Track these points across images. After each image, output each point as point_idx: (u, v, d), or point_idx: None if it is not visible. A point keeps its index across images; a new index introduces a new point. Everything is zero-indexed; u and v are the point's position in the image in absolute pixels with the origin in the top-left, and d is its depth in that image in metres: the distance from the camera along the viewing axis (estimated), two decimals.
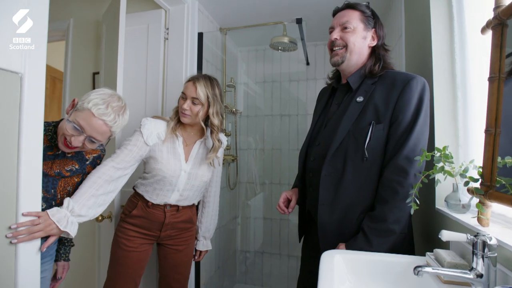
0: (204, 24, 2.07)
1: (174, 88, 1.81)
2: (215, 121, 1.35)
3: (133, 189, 1.41)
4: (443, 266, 0.75)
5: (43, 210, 0.99)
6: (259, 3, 1.99)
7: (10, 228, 0.80)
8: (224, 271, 2.43)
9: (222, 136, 1.46)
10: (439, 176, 0.93)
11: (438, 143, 1.10)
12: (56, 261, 1.23)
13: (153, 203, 1.35)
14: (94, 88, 1.92)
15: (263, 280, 2.69)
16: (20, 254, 0.82)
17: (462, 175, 0.90)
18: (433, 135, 1.12)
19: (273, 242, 2.70)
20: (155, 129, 1.32)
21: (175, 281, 1.45)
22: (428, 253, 0.82)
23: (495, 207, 0.85)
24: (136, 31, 1.87)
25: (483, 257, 0.63)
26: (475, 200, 0.83)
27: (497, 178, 0.76)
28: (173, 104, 1.74)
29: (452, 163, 0.90)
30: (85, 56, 2.08)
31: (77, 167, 1.13)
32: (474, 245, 0.64)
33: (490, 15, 0.80)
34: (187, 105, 1.31)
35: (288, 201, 1.30)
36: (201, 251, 1.58)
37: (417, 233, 1.30)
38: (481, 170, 0.82)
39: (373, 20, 1.12)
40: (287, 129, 2.69)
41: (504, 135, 0.77)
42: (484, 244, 0.63)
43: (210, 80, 1.36)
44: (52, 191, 1.05)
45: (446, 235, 0.66)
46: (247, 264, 2.76)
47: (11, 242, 0.80)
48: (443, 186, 1.03)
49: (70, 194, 1.11)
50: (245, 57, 2.84)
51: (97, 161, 1.23)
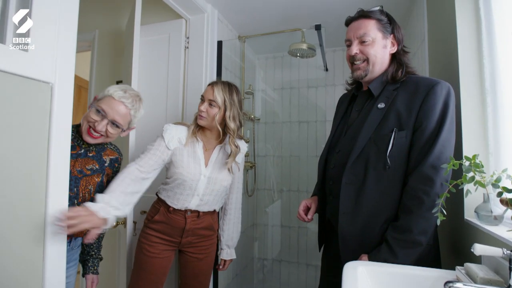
0: (223, 32, 2.10)
1: (194, 95, 1.85)
2: (231, 124, 1.36)
3: (156, 195, 1.44)
4: (475, 282, 0.71)
5: None
6: (277, 11, 2.01)
7: (59, 219, 0.85)
8: (242, 278, 2.41)
9: (241, 143, 1.47)
10: (469, 187, 0.89)
11: (467, 151, 1.05)
12: (84, 274, 1.26)
13: (174, 208, 1.36)
14: None
15: None
16: (47, 256, 0.84)
17: (495, 185, 0.85)
18: (461, 143, 1.08)
19: (291, 250, 2.66)
20: (176, 134, 1.36)
21: None
22: (458, 267, 0.78)
23: None
24: (158, 40, 1.93)
25: None
26: (510, 212, 0.78)
27: None
28: (193, 111, 1.76)
29: (483, 172, 0.85)
30: (109, 65, 2.16)
31: (97, 166, 1.18)
32: (511, 260, 0.60)
33: None
34: (204, 106, 1.35)
35: (308, 209, 1.27)
36: (225, 260, 1.55)
37: (443, 245, 1.24)
38: None
39: (390, 25, 1.07)
40: (305, 135, 2.67)
41: None
42: None
43: (229, 85, 1.39)
44: (75, 189, 1.09)
45: (479, 249, 0.62)
46: (264, 272, 2.73)
47: (59, 232, 0.86)
48: (472, 196, 0.98)
49: (92, 193, 1.14)
50: (263, 64, 2.86)
51: (115, 164, 1.27)
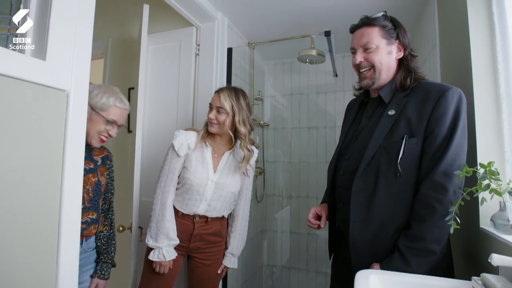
0: (233, 39, 2.12)
1: (204, 102, 1.87)
2: (242, 129, 1.38)
3: None
4: None
5: None
6: (286, 18, 2.02)
7: None
8: (251, 285, 2.39)
9: (253, 147, 1.48)
10: (484, 195, 0.87)
11: (482, 159, 1.03)
12: (91, 276, 1.26)
13: (183, 213, 1.39)
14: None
15: None
16: (60, 262, 0.86)
17: (511, 192, 0.83)
18: (475, 150, 1.06)
19: (300, 257, 2.63)
20: (186, 140, 1.38)
21: None
22: (474, 277, 0.76)
23: None
24: (169, 48, 1.96)
25: None
26: None
27: None
28: (203, 117, 1.78)
29: (499, 180, 0.83)
30: (122, 72, 2.20)
31: (91, 166, 1.23)
32: None
33: None
34: (212, 114, 1.38)
35: (318, 216, 1.26)
36: (226, 268, 1.52)
37: (458, 254, 1.21)
38: None
39: (395, 31, 1.06)
40: (315, 141, 2.65)
41: None
42: None
43: (235, 90, 1.41)
44: None
45: (497, 259, 0.61)
46: (273, 279, 2.70)
47: None
48: (488, 204, 0.95)
49: (90, 192, 1.20)
50: (272, 70, 2.87)
51: (106, 162, 1.32)
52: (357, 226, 1.02)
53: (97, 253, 1.30)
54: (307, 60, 2.29)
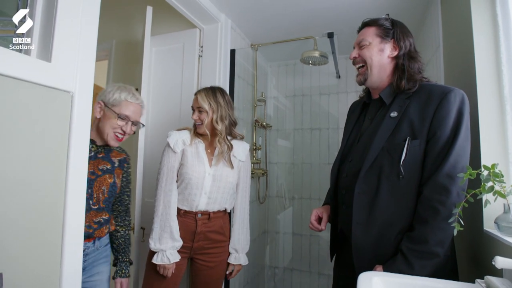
0: (236, 41, 2.13)
1: None
2: (218, 126, 1.44)
3: None
4: None
5: None
6: (289, 20, 2.03)
7: None
8: (253, 286, 2.39)
9: (236, 141, 1.51)
10: (488, 197, 0.86)
11: (485, 161, 1.02)
12: (114, 278, 1.30)
13: (185, 211, 1.40)
14: None
15: None
16: (64, 262, 0.86)
17: None
18: (479, 151, 1.05)
19: (302, 258, 2.63)
20: (180, 136, 1.43)
21: None
22: (478, 280, 0.75)
23: None
24: (173, 49, 1.97)
25: None
26: None
27: None
28: None
29: (503, 182, 0.83)
30: (126, 73, 2.22)
31: (108, 166, 1.23)
32: None
33: None
34: (195, 115, 1.45)
35: (320, 218, 1.26)
36: (234, 267, 1.51)
37: (462, 256, 1.20)
38: None
39: (392, 30, 1.08)
40: (317, 143, 2.65)
41: None
42: None
43: (212, 90, 1.47)
44: (89, 190, 1.15)
45: (501, 262, 0.60)
46: (275, 280, 2.70)
47: None
48: (492, 206, 0.95)
49: (105, 193, 1.20)
50: (275, 71, 2.87)
51: (124, 165, 1.32)
52: (359, 228, 1.02)
53: (115, 253, 1.33)
54: (310, 62, 2.29)
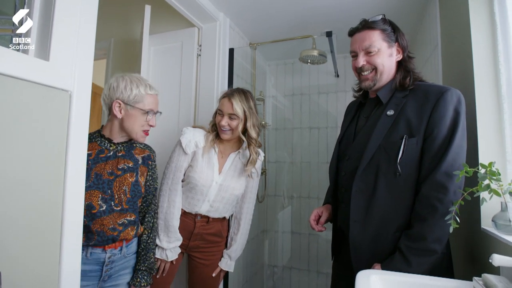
0: (235, 40, 2.13)
1: (206, 101, 1.88)
2: (253, 133, 1.36)
3: None
4: None
5: (103, 210, 1.06)
6: (288, 18, 2.02)
7: None
8: (252, 285, 2.40)
9: (260, 150, 1.47)
10: (484, 195, 0.87)
11: (483, 159, 1.03)
12: (128, 283, 1.19)
13: (185, 211, 1.39)
14: None
15: None
16: (63, 262, 0.86)
17: (511, 193, 0.83)
18: (477, 150, 1.06)
19: (301, 257, 2.63)
20: (194, 138, 1.37)
21: None
22: (475, 278, 0.76)
23: None
24: (171, 48, 1.97)
25: None
26: None
27: None
28: (205, 117, 1.77)
29: (500, 180, 0.83)
30: (124, 71, 2.20)
31: (130, 165, 1.16)
32: None
33: None
34: (225, 121, 1.34)
35: (319, 218, 1.26)
36: (221, 271, 1.48)
37: (459, 254, 1.21)
38: None
39: (394, 34, 1.08)
40: (316, 142, 2.66)
41: None
42: None
43: (244, 94, 1.37)
44: (109, 191, 1.09)
45: (498, 259, 0.61)
46: (274, 279, 2.70)
47: None
48: (490, 205, 0.96)
49: (127, 193, 1.13)
50: (273, 70, 2.87)
51: (148, 162, 1.24)
52: (357, 226, 1.02)
53: (138, 259, 1.21)
54: (309, 61, 2.29)
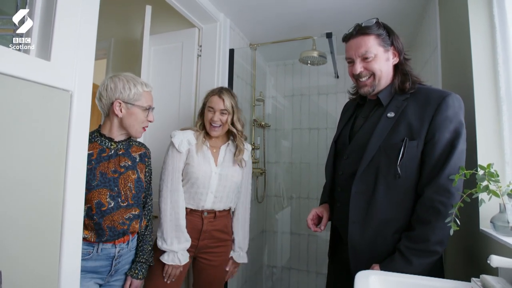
0: (235, 40, 2.13)
1: None
2: (239, 126, 1.49)
3: None
4: None
5: (111, 207, 1.10)
6: (288, 19, 2.03)
7: None
8: (251, 286, 2.40)
9: (245, 142, 1.56)
10: (483, 196, 0.87)
11: (482, 160, 1.03)
12: (125, 274, 1.24)
13: (191, 209, 1.41)
14: None
15: None
16: (63, 263, 0.86)
17: (510, 194, 0.84)
18: (475, 151, 1.06)
19: (300, 258, 2.64)
20: (185, 137, 1.43)
21: None
22: (474, 279, 0.76)
23: None
24: (172, 48, 1.97)
25: None
26: None
27: None
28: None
29: (498, 181, 0.84)
30: (124, 71, 2.20)
31: (129, 163, 1.23)
32: None
33: None
34: (217, 117, 1.43)
35: (318, 218, 1.25)
36: (235, 265, 1.52)
37: (457, 255, 1.21)
38: None
39: (389, 37, 1.07)
40: (315, 142, 2.66)
41: None
42: None
43: (230, 91, 1.51)
44: (116, 188, 1.15)
45: (496, 260, 0.61)
46: (273, 279, 2.70)
47: None
48: (488, 206, 0.96)
49: (132, 189, 1.20)
50: (273, 71, 2.88)
51: (145, 159, 1.31)
52: (356, 227, 1.02)
53: (136, 252, 1.27)
54: (309, 62, 2.29)
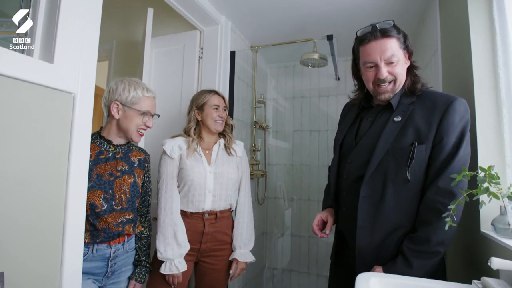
0: (236, 43, 2.14)
1: None
2: (230, 121, 1.59)
3: None
4: None
5: (105, 209, 1.11)
6: (289, 22, 2.04)
7: None
8: None
9: (236, 140, 1.61)
10: (483, 198, 0.87)
11: (482, 163, 1.03)
12: (130, 278, 1.26)
13: (191, 213, 1.40)
14: None
15: None
16: (65, 263, 0.87)
17: (510, 197, 0.83)
18: (476, 154, 1.06)
19: (301, 260, 2.63)
20: (175, 143, 1.46)
21: None
22: (475, 281, 0.76)
23: None
24: (173, 51, 1.98)
25: None
26: None
27: None
28: None
29: (499, 184, 0.84)
30: (126, 74, 2.19)
31: (126, 168, 1.23)
32: None
33: None
34: (222, 114, 1.52)
35: (323, 223, 1.23)
36: (237, 263, 1.44)
37: (458, 257, 1.21)
38: None
39: (405, 41, 1.04)
40: (316, 144, 2.66)
41: None
42: None
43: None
44: (110, 191, 1.15)
45: (497, 263, 0.61)
46: (274, 281, 2.70)
47: None
48: (490, 208, 0.96)
49: (127, 193, 1.20)
50: (274, 73, 2.88)
51: (145, 165, 1.32)
52: (364, 232, 1.01)
53: (138, 254, 1.29)
54: (310, 64, 2.30)
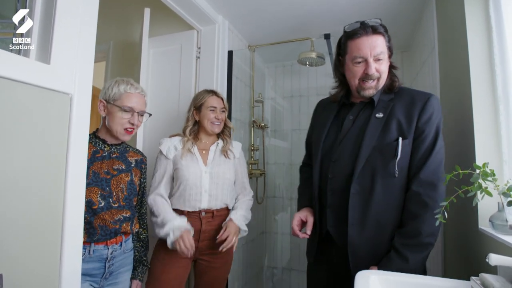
0: (234, 42, 2.14)
1: None
2: (229, 123, 1.58)
3: None
4: None
5: (102, 206, 1.12)
6: (286, 21, 2.04)
7: None
8: (251, 287, 2.40)
9: (234, 142, 1.62)
10: (478, 194, 0.88)
11: (479, 159, 1.04)
12: (132, 278, 1.27)
13: (188, 212, 1.41)
14: None
15: None
16: (64, 264, 0.87)
17: (506, 194, 0.84)
18: (473, 151, 1.07)
19: (301, 259, 2.63)
20: (172, 143, 1.47)
21: None
22: (473, 277, 0.77)
23: None
24: (171, 50, 1.98)
25: None
26: None
27: None
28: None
29: (496, 180, 0.84)
30: (123, 75, 2.19)
31: (123, 166, 1.23)
32: None
33: None
34: (219, 115, 1.50)
35: (303, 223, 1.19)
36: (228, 226, 1.38)
37: (456, 254, 1.22)
38: None
39: (389, 40, 1.05)
40: None
41: None
42: None
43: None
44: (107, 188, 1.15)
45: (494, 259, 0.61)
46: (274, 280, 2.70)
47: None
48: (487, 205, 0.97)
49: (124, 191, 1.20)
50: (272, 73, 2.88)
51: (141, 166, 1.32)
52: (355, 230, 1.02)
53: (138, 254, 1.30)
54: (307, 63, 2.30)
